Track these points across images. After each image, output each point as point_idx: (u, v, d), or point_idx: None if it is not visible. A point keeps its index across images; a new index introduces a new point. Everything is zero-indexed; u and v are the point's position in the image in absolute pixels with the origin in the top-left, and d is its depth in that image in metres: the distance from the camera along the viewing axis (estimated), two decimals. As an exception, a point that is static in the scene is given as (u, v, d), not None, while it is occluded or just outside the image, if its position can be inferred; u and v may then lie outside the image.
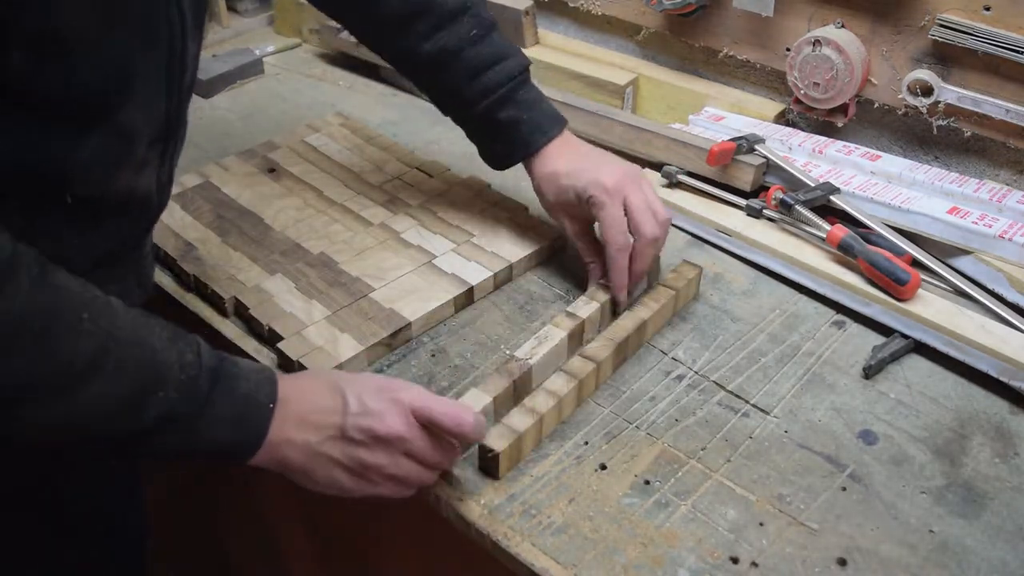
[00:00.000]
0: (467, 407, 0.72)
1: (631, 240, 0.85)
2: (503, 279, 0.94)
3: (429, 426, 0.69)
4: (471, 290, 0.91)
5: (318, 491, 0.70)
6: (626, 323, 0.85)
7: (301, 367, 0.81)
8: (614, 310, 0.87)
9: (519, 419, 0.74)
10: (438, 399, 0.70)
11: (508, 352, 0.85)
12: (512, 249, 0.96)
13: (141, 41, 0.62)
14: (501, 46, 0.91)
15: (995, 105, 0.98)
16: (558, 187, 0.88)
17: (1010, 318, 0.86)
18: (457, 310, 0.90)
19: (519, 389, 0.77)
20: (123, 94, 0.62)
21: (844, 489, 0.74)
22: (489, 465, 0.73)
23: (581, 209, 0.88)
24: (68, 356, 0.57)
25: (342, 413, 0.68)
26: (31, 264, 0.57)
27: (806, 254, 0.95)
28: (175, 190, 1.04)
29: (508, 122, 0.90)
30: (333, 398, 0.68)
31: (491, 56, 0.89)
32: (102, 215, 0.68)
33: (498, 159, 0.94)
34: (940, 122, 1.04)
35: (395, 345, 0.86)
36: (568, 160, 0.90)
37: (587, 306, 0.85)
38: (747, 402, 0.81)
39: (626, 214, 0.85)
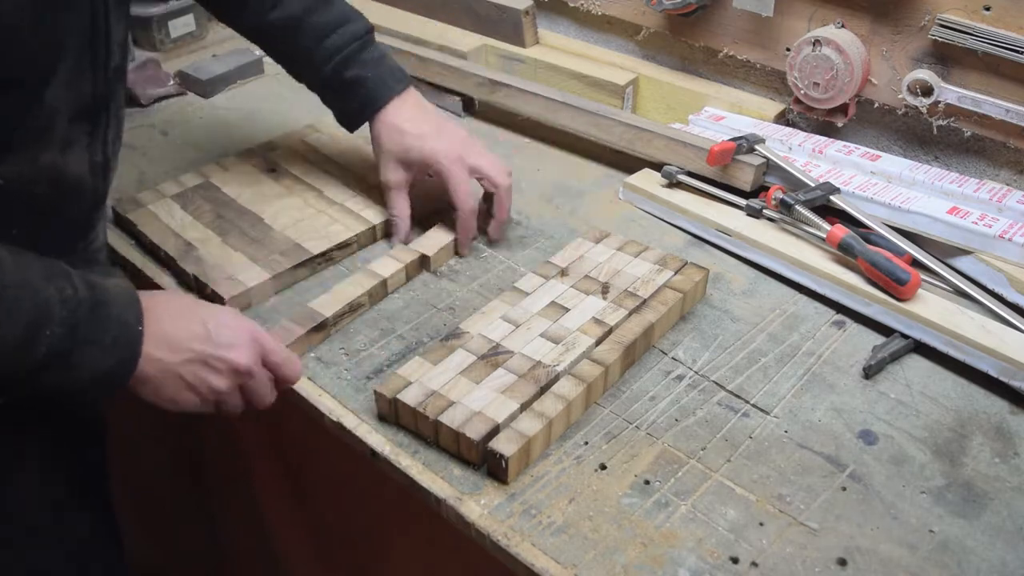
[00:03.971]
0: (296, 358, 0.79)
1: (476, 205, 0.97)
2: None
3: (269, 367, 0.77)
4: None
5: (156, 404, 0.74)
6: (634, 326, 0.85)
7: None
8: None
9: (528, 424, 0.74)
10: (279, 346, 0.78)
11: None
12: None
13: (65, 17, 0.66)
14: (343, 11, 0.97)
15: (995, 105, 0.98)
16: (402, 144, 0.96)
17: (1010, 318, 0.86)
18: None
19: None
20: (49, 71, 0.66)
21: (844, 489, 0.74)
22: (498, 470, 0.73)
23: (416, 168, 0.97)
24: None
25: (204, 341, 0.73)
26: None
27: (806, 254, 0.95)
28: (175, 190, 1.05)
29: (354, 81, 0.96)
30: (195, 325, 0.73)
31: (335, 20, 0.96)
32: (34, 198, 0.71)
33: (350, 118, 1.00)
34: (940, 122, 1.04)
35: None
36: (413, 120, 0.97)
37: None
38: (747, 402, 0.81)
39: (477, 176, 0.97)
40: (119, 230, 1.03)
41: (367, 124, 0.99)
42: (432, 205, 1.02)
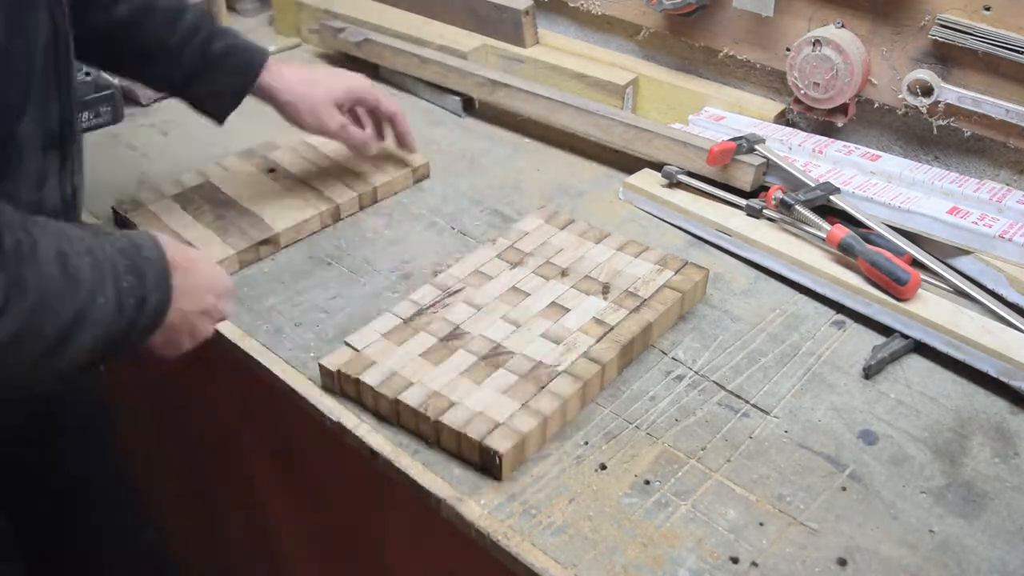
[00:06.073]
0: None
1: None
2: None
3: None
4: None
5: (157, 352, 0.77)
6: (632, 325, 0.85)
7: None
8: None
9: (523, 420, 0.74)
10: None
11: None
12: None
13: (36, 43, 0.65)
14: None
15: (995, 105, 0.98)
16: (326, 86, 1.00)
17: (1010, 318, 0.86)
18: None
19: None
20: (22, 99, 0.65)
21: (844, 489, 0.74)
22: (492, 466, 0.73)
23: (347, 104, 1.02)
24: (84, 276, 0.62)
25: (215, 296, 0.80)
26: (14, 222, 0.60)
27: (806, 254, 0.95)
28: (175, 190, 1.05)
29: (224, 51, 0.95)
30: (212, 279, 0.80)
31: (178, 3, 0.94)
32: None
33: (229, 97, 0.98)
34: (940, 122, 1.04)
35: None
36: (298, 78, 1.00)
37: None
38: (747, 402, 0.81)
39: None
40: (119, 230, 1.03)
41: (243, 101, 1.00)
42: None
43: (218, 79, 0.95)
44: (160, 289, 0.71)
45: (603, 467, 0.75)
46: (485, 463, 0.74)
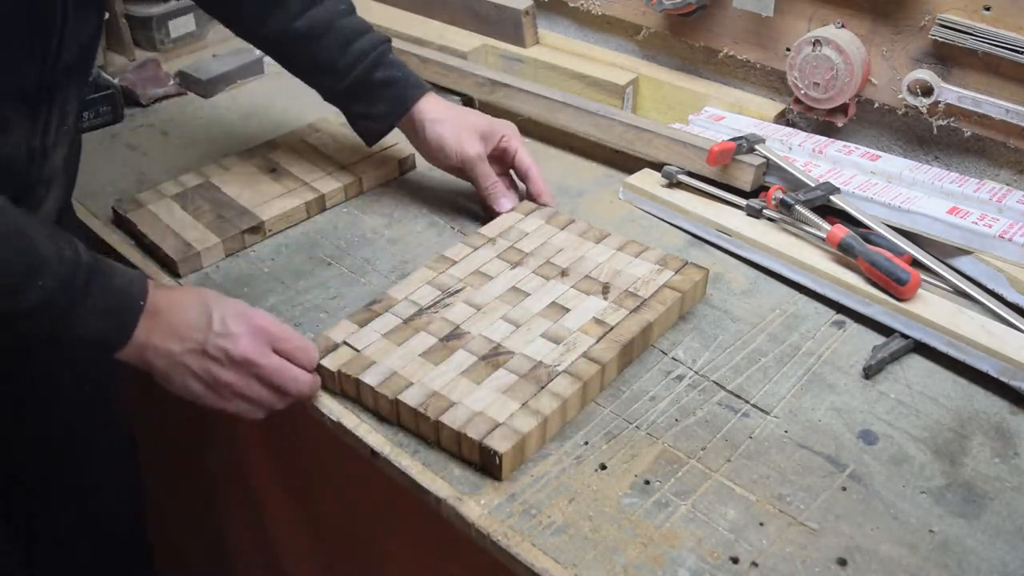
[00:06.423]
0: (313, 345, 0.80)
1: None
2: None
3: (283, 355, 0.77)
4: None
5: (175, 393, 0.77)
6: (631, 325, 0.85)
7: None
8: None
9: (523, 420, 0.74)
10: (293, 333, 0.78)
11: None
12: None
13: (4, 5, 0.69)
14: (362, 21, 1.01)
15: (995, 105, 0.98)
16: (469, 121, 1.01)
17: (1010, 318, 0.86)
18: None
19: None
20: None
21: (844, 489, 0.74)
22: (492, 466, 0.73)
23: (490, 141, 1.02)
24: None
25: (205, 330, 0.75)
26: None
27: (806, 254, 0.95)
28: (175, 190, 1.05)
29: (385, 81, 1.00)
30: (200, 316, 0.75)
31: (359, 27, 1.00)
32: None
33: (379, 121, 1.02)
34: (940, 122, 1.04)
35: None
36: (450, 106, 1.03)
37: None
38: (747, 402, 0.81)
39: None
40: (119, 230, 1.03)
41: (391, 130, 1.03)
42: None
43: (374, 104, 1.01)
44: (112, 321, 0.72)
45: (603, 467, 0.75)
46: (485, 463, 0.74)
